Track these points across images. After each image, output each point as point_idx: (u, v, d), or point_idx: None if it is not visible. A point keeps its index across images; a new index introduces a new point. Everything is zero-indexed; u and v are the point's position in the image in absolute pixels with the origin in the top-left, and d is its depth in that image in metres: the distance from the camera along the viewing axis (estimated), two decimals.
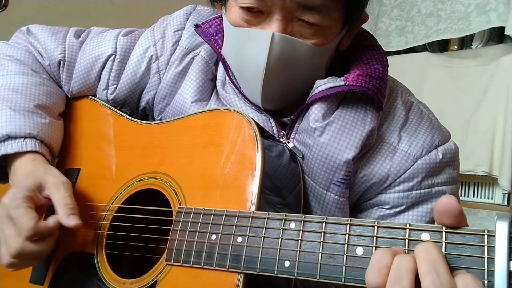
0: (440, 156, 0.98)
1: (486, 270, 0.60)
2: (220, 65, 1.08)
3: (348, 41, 1.02)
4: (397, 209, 0.98)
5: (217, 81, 1.08)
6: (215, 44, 1.04)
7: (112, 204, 1.00)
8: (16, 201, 0.90)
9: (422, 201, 0.97)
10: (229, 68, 1.04)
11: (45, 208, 0.97)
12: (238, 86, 1.03)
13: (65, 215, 0.91)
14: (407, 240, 0.66)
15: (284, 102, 1.02)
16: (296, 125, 0.99)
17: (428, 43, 3.04)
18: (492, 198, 2.70)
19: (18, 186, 0.93)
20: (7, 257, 0.91)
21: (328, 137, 0.94)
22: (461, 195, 2.78)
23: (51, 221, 0.92)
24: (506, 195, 2.62)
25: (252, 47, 0.92)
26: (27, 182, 0.94)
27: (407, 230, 0.66)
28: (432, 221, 0.95)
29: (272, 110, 1.02)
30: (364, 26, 1.05)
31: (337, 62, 1.05)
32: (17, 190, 0.92)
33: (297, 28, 0.90)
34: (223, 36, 1.03)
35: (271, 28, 0.89)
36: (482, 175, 2.64)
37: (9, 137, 1.00)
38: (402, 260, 0.61)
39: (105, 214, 0.99)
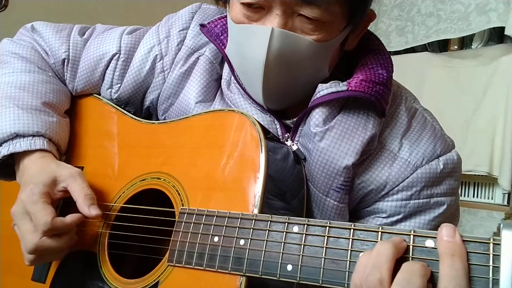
0: (441, 166, 0.96)
1: (491, 279, 0.60)
2: (226, 65, 1.08)
3: (354, 41, 1.00)
4: (394, 218, 0.97)
5: (222, 81, 1.08)
6: (220, 44, 1.03)
7: (115, 203, 1.00)
8: (33, 197, 0.91)
9: (420, 211, 0.96)
10: (234, 68, 1.04)
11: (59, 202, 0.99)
12: (243, 86, 1.03)
13: (86, 205, 0.93)
14: (411, 247, 0.66)
15: (287, 101, 1.01)
16: (300, 128, 0.99)
17: (428, 43, 3.04)
18: (492, 198, 2.71)
19: (33, 182, 0.94)
20: (24, 252, 0.92)
21: (328, 143, 0.93)
22: (461, 195, 2.79)
23: (68, 218, 0.92)
24: (506, 195, 2.63)
25: (252, 43, 0.91)
26: (42, 178, 0.94)
27: (412, 236, 0.67)
28: None
29: (277, 111, 1.02)
30: None
31: (342, 63, 1.04)
32: (34, 186, 0.93)
33: (298, 24, 0.89)
34: (228, 36, 1.03)
35: (271, 23, 0.89)
36: (482, 175, 2.65)
37: (17, 135, 1.00)
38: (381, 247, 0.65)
39: (108, 213, 0.99)
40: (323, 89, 0.93)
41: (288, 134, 1.00)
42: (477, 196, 2.77)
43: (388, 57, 1.01)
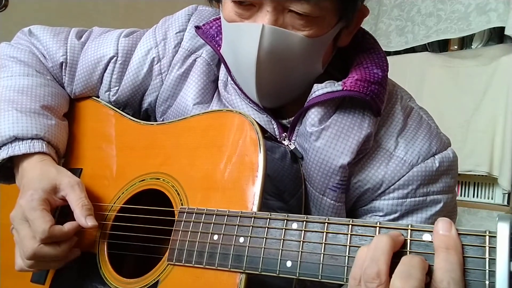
0: (437, 164, 0.97)
1: (487, 271, 0.60)
2: (222, 66, 1.08)
3: (348, 38, 1.00)
4: (391, 217, 0.97)
5: (219, 82, 1.08)
6: (216, 45, 1.04)
7: (114, 204, 1.00)
8: (32, 203, 0.91)
9: (416, 209, 0.96)
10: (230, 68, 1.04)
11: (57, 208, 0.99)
12: (239, 86, 1.03)
13: (83, 216, 0.93)
14: (408, 241, 0.66)
15: (282, 99, 1.02)
16: (296, 128, 0.99)
17: (428, 43, 3.04)
18: (492, 198, 2.71)
19: (33, 187, 0.94)
20: (23, 258, 0.92)
21: (323, 142, 0.93)
22: (461, 195, 2.79)
23: (66, 226, 0.93)
24: (506, 195, 2.62)
25: (244, 41, 0.92)
26: (43, 184, 0.95)
27: (409, 231, 0.67)
28: None
29: (273, 111, 1.02)
30: (364, 26, 1.04)
31: (337, 62, 1.04)
32: (34, 192, 0.93)
33: (289, 20, 0.89)
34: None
35: (262, 20, 0.89)
36: (482, 175, 2.65)
37: (16, 139, 1.01)
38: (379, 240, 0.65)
39: (107, 214, 1.00)
40: (319, 89, 0.94)
41: (285, 133, 1.01)
42: (477, 196, 2.77)
43: (383, 56, 1.01)
